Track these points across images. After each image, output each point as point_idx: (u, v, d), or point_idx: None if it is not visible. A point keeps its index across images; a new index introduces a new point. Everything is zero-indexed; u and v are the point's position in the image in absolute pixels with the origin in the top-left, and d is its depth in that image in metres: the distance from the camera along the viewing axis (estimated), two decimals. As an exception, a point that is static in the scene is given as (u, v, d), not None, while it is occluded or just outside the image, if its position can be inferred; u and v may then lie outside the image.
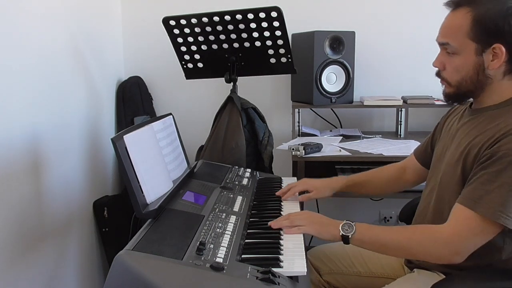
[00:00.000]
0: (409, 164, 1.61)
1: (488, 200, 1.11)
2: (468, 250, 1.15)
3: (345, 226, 1.24)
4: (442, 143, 1.40)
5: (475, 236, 1.14)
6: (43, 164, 1.74)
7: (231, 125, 2.00)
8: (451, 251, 1.15)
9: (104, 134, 2.30)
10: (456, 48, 1.20)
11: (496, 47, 1.16)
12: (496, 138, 1.15)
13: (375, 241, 1.24)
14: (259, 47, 1.99)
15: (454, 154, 1.27)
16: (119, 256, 1.00)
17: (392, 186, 1.66)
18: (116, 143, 1.21)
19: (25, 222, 1.62)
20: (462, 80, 1.22)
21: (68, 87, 1.94)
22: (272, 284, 0.99)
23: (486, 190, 1.12)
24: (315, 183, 1.63)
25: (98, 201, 2.22)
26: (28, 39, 1.64)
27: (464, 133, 1.28)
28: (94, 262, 2.23)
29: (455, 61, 1.22)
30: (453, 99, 1.29)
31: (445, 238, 1.16)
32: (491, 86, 1.22)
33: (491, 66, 1.18)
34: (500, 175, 1.11)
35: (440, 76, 1.28)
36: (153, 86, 2.68)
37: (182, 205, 1.36)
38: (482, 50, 1.18)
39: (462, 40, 1.19)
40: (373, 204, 2.64)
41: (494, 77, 1.21)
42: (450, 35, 1.22)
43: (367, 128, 2.66)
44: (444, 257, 1.18)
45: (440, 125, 1.50)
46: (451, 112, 1.47)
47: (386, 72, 2.61)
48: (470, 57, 1.19)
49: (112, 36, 2.55)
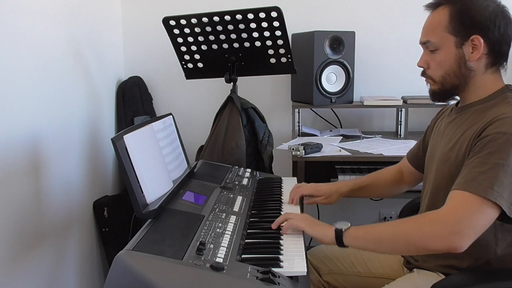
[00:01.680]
0: (404, 166, 1.62)
1: (481, 180, 1.11)
2: (469, 231, 1.09)
3: (340, 223, 1.24)
4: (432, 143, 1.42)
5: (472, 215, 1.10)
6: (43, 164, 1.74)
7: (231, 125, 2.00)
8: (450, 231, 1.09)
9: (104, 134, 2.30)
10: (437, 44, 1.25)
11: (474, 39, 1.21)
12: (483, 126, 1.17)
13: (370, 235, 1.21)
14: (259, 47, 1.99)
15: (444, 152, 1.29)
16: (119, 256, 1.00)
17: (394, 188, 1.66)
18: (116, 143, 1.21)
19: (25, 222, 1.62)
20: (445, 74, 1.26)
21: (68, 87, 1.94)
22: (272, 284, 0.99)
23: (479, 171, 1.12)
24: (323, 188, 1.62)
25: (98, 201, 2.21)
26: (28, 39, 1.64)
27: (452, 130, 1.30)
28: (94, 262, 2.23)
29: (438, 56, 1.26)
30: (438, 96, 1.31)
31: (441, 216, 1.12)
32: (474, 80, 1.25)
33: (472, 58, 1.22)
34: (492, 157, 1.12)
35: (425, 75, 1.32)
36: (153, 86, 2.68)
37: (182, 205, 1.36)
38: (461, 43, 1.22)
39: (441, 34, 1.24)
40: (373, 204, 2.64)
41: (476, 69, 1.24)
42: (430, 32, 1.27)
43: (367, 128, 2.66)
44: (444, 238, 1.10)
45: (430, 127, 1.52)
46: (440, 114, 1.49)
47: (386, 72, 2.61)
48: (450, 50, 1.24)
49: (112, 36, 2.55)
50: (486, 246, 1.21)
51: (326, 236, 1.24)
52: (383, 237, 1.19)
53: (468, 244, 1.10)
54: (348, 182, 1.67)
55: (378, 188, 1.66)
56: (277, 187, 1.72)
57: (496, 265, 1.23)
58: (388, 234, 1.19)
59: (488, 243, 1.21)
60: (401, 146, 2.21)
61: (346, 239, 1.21)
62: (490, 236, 1.20)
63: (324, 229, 1.26)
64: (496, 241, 1.21)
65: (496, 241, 1.21)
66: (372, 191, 1.69)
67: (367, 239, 1.21)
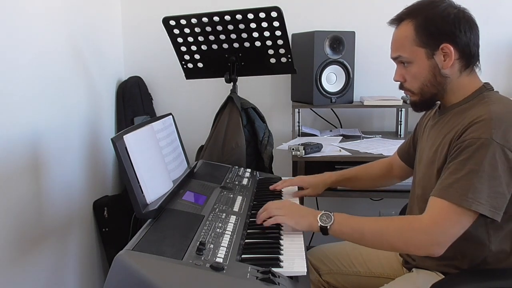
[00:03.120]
0: (395, 161, 1.65)
1: (457, 187, 1.14)
2: (448, 241, 1.15)
3: (323, 216, 1.25)
4: (420, 146, 1.44)
5: (452, 225, 1.15)
6: (43, 164, 1.74)
7: (231, 125, 2.00)
8: (430, 241, 1.16)
9: (104, 134, 2.30)
10: (408, 58, 1.27)
11: (444, 47, 1.23)
12: (462, 129, 1.19)
13: (354, 231, 1.24)
14: (259, 47, 1.99)
15: (429, 155, 1.32)
16: (119, 256, 1.00)
17: (381, 181, 1.70)
18: (116, 143, 1.21)
19: (25, 222, 1.62)
20: (422, 85, 1.28)
21: (68, 87, 1.94)
22: (272, 284, 0.99)
23: (455, 178, 1.15)
24: (310, 179, 1.68)
25: (98, 201, 2.22)
26: (28, 39, 1.64)
27: (435, 133, 1.33)
28: (94, 262, 2.23)
29: (412, 70, 1.28)
30: (420, 106, 1.35)
31: (424, 227, 1.16)
32: (451, 85, 1.27)
33: (445, 66, 1.25)
34: (467, 163, 1.14)
35: (403, 88, 1.34)
36: (153, 86, 2.68)
37: (182, 205, 1.36)
38: (432, 53, 1.25)
39: (411, 48, 1.26)
40: (373, 204, 2.64)
41: (451, 75, 1.26)
42: (400, 47, 1.29)
43: (367, 128, 2.66)
44: (423, 246, 1.17)
45: (419, 125, 1.53)
46: (427, 114, 1.51)
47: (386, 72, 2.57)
48: (423, 62, 1.26)
49: (112, 36, 2.55)
50: (480, 244, 1.23)
51: (311, 228, 1.26)
52: (366, 234, 1.22)
53: (444, 250, 1.16)
54: (333, 173, 1.71)
55: (366, 180, 1.70)
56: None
57: (493, 262, 1.24)
58: (372, 232, 1.22)
59: (482, 241, 1.23)
60: (401, 146, 2.20)
61: (332, 233, 1.24)
62: (483, 234, 1.23)
63: (309, 221, 1.27)
64: (488, 238, 1.23)
65: (489, 238, 1.23)
66: (360, 183, 1.72)
67: (351, 235, 1.24)
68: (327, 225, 1.23)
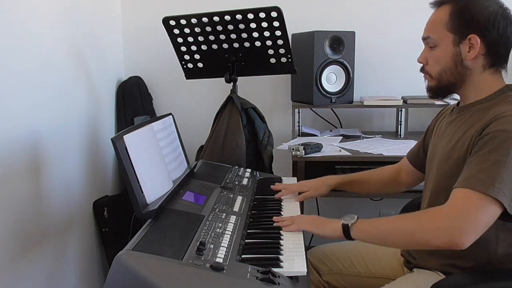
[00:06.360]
0: (403, 166, 1.63)
1: (482, 176, 1.11)
2: (470, 227, 1.09)
3: (347, 217, 1.26)
4: (433, 143, 1.43)
5: (473, 210, 1.10)
6: (43, 164, 1.74)
7: (231, 125, 2.00)
8: (451, 225, 1.10)
9: (104, 134, 2.30)
10: (436, 40, 1.27)
11: (471, 38, 1.22)
12: (485, 125, 1.18)
13: (375, 228, 1.23)
14: (259, 47, 1.99)
15: (445, 151, 1.30)
16: (119, 256, 1.00)
17: (388, 187, 1.67)
18: (116, 143, 1.21)
19: (25, 222, 1.62)
20: (441, 71, 1.28)
21: (68, 87, 1.94)
22: (272, 284, 0.99)
23: (480, 168, 1.13)
24: (310, 183, 1.67)
25: (98, 201, 2.21)
26: (28, 40, 1.64)
27: (454, 130, 1.31)
28: (94, 262, 2.23)
29: (435, 53, 1.28)
30: (435, 92, 1.33)
31: (444, 212, 1.13)
32: (471, 78, 1.26)
33: (468, 57, 1.24)
34: (492, 154, 1.12)
35: (423, 70, 1.34)
36: (153, 86, 2.68)
37: (182, 205, 1.36)
38: (459, 41, 1.24)
39: (441, 31, 1.26)
40: (373, 204, 2.64)
41: (473, 68, 1.25)
42: (431, 29, 1.30)
43: (367, 128, 2.66)
44: (445, 232, 1.10)
45: (431, 128, 1.52)
46: (440, 114, 1.50)
47: (386, 72, 2.61)
48: (448, 47, 1.26)
49: (112, 36, 2.55)
50: (487, 245, 1.22)
51: (335, 233, 1.26)
52: (386, 230, 1.22)
53: (470, 241, 1.10)
54: (336, 176, 1.71)
55: (371, 185, 1.68)
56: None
57: (497, 265, 1.23)
58: (392, 228, 1.21)
59: (489, 243, 1.22)
60: (401, 146, 2.21)
61: (353, 233, 1.23)
62: (492, 236, 1.20)
63: (332, 226, 1.28)
64: (497, 241, 1.22)
65: (497, 241, 1.22)
66: (365, 187, 1.70)
67: (372, 233, 1.24)
68: (349, 223, 1.23)
